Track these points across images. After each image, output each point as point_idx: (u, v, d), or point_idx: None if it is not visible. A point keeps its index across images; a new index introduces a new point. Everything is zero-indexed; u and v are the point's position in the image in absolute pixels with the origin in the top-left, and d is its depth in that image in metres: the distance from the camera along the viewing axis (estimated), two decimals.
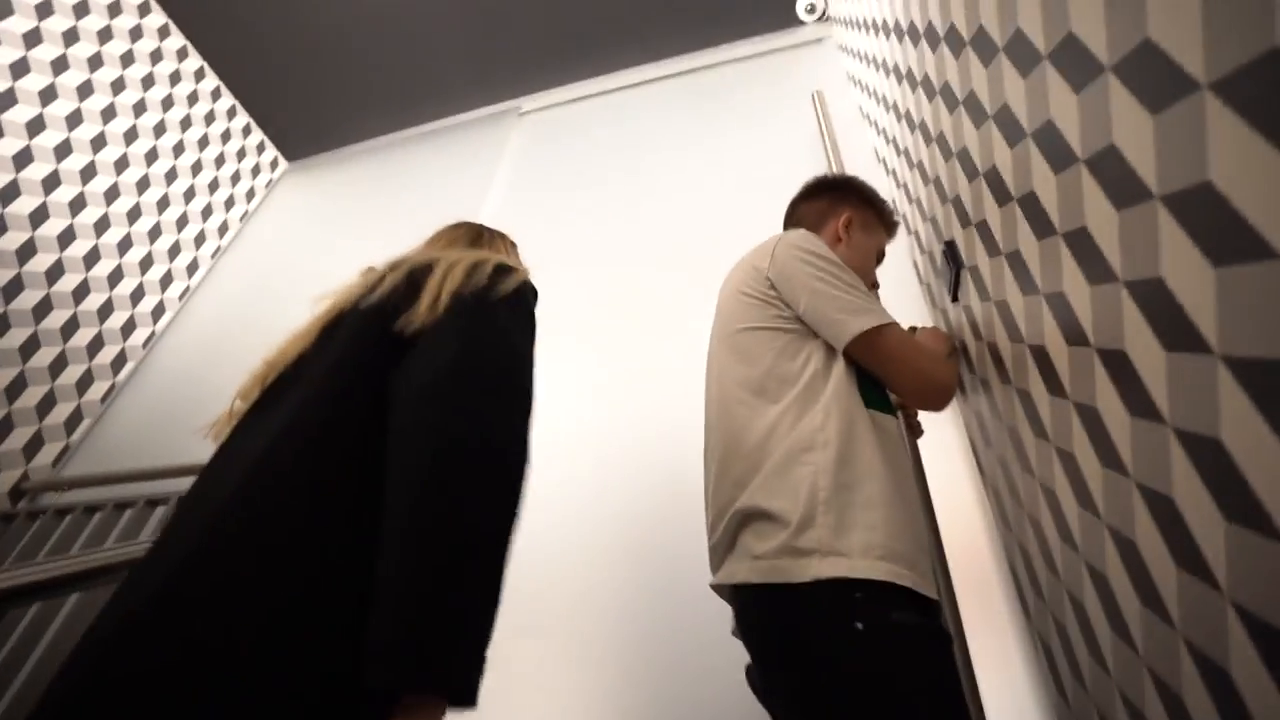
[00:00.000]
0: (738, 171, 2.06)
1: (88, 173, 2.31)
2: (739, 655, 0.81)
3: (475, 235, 0.96)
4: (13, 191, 2.06)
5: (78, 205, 2.26)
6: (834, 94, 2.07)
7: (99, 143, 2.37)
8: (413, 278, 0.69)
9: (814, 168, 1.89)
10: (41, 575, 0.97)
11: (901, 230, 1.61)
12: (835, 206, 1.10)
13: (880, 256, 1.12)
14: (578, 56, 2.75)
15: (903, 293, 1.49)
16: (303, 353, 0.67)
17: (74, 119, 2.29)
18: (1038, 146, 0.75)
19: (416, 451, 0.52)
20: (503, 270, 0.71)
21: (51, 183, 2.19)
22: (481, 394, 0.57)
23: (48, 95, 2.21)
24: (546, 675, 1.23)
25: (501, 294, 0.67)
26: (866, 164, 1.85)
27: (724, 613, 0.87)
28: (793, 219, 1.15)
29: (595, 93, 2.73)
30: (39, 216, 2.13)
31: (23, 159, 2.10)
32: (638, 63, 2.72)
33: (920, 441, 1.16)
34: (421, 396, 0.55)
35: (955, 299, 1.19)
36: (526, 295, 0.73)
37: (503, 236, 1.01)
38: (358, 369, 0.61)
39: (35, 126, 2.16)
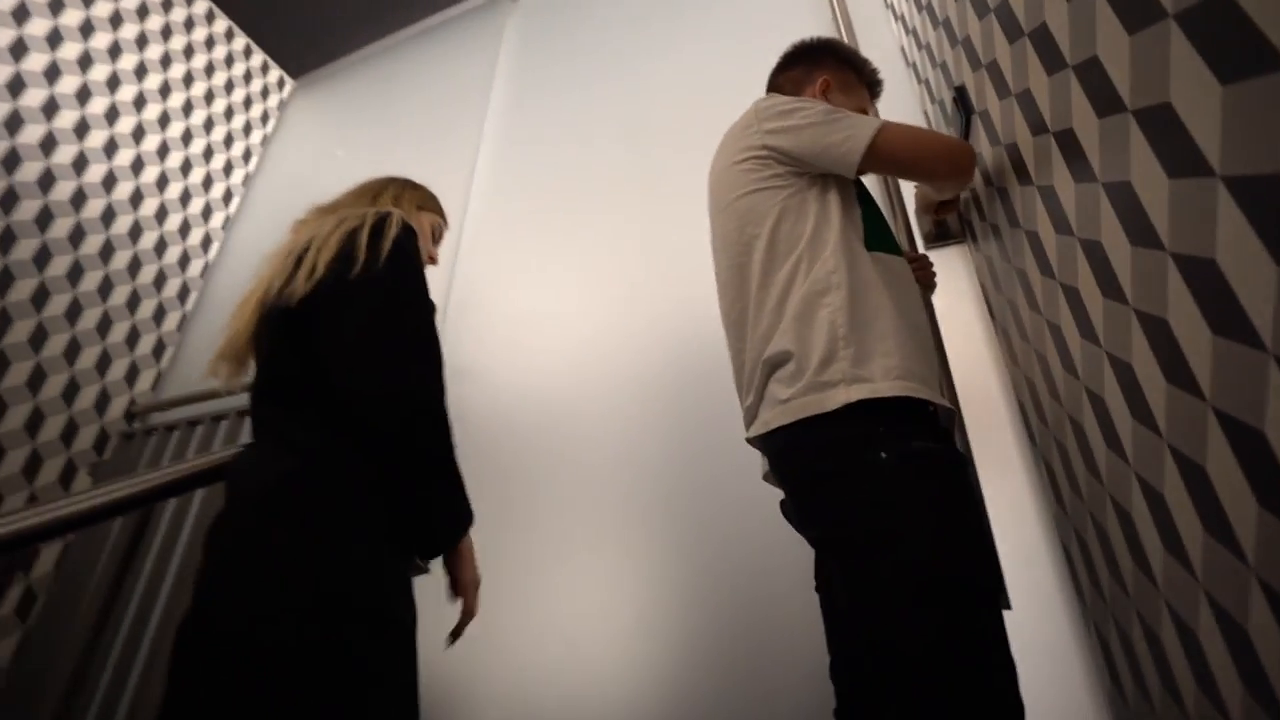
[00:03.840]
0: (741, 31, 1.89)
1: (112, 115, 2.27)
2: (757, 497, 0.88)
3: (373, 195, 1.02)
4: (50, 143, 2.05)
5: (111, 149, 2.24)
6: None
7: (114, 82, 2.30)
8: (296, 259, 0.82)
9: (819, 21, 1.73)
10: (175, 475, 1.09)
11: (911, 80, 1.50)
12: (811, 72, 1.04)
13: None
14: None
15: None
16: (258, 340, 0.84)
17: (85, 61, 2.21)
18: None
19: (383, 421, 0.72)
20: (376, 234, 0.81)
21: (82, 129, 2.16)
22: (401, 357, 0.75)
23: (54, 40, 2.12)
24: (593, 536, 1.35)
25: (378, 257, 0.78)
26: (874, 11, 1.68)
27: (753, 462, 0.94)
28: (771, 91, 1.09)
29: None
30: (80, 164, 2.13)
31: (50, 109, 2.06)
32: None
33: (934, 292, 1.16)
34: (352, 377, 0.73)
35: None
36: (400, 242, 0.82)
37: (405, 185, 1.05)
38: (300, 374, 0.77)
39: (52, 74, 2.09)
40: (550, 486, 1.45)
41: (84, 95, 2.18)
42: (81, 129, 2.15)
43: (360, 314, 0.75)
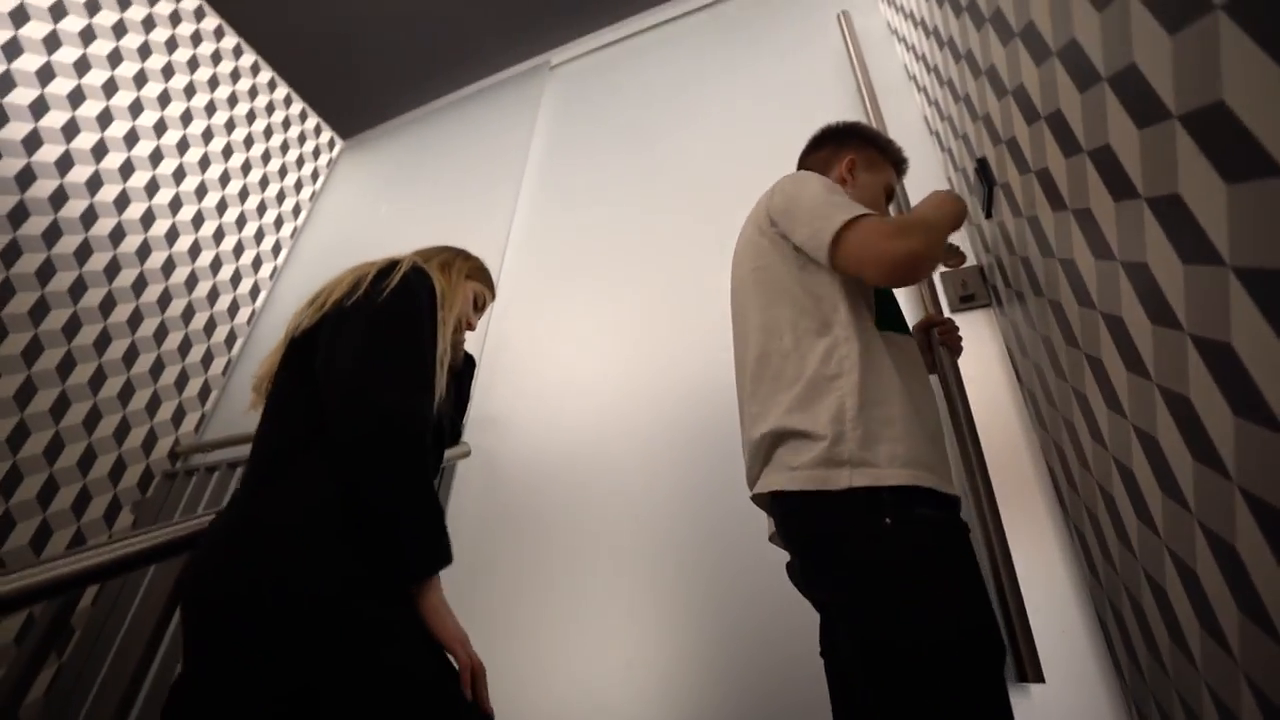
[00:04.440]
0: (767, 101, 1.99)
1: (179, 175, 2.44)
2: (777, 556, 0.89)
3: (425, 258, 1.05)
4: (124, 200, 2.21)
5: (176, 205, 2.41)
6: (860, 13, 1.95)
7: (183, 146, 2.49)
8: (312, 300, 0.89)
9: (844, 91, 1.82)
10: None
11: (935, 148, 1.55)
12: (838, 152, 1.06)
13: (889, 194, 1.07)
14: (601, 2, 2.65)
15: None
16: (275, 373, 0.89)
17: (160, 127, 2.40)
18: (1063, 65, 0.72)
19: (348, 441, 0.72)
20: (383, 273, 0.86)
21: (152, 188, 2.33)
22: (381, 381, 0.75)
23: (136, 109, 2.32)
24: (618, 589, 1.35)
25: (382, 291, 0.83)
26: (896, 82, 1.76)
27: (761, 522, 0.94)
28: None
29: (622, 36, 2.65)
30: (148, 219, 2.29)
31: (126, 170, 2.24)
32: (661, 1, 2.61)
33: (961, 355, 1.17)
34: (338, 395, 0.75)
35: (989, 215, 1.16)
36: (408, 279, 0.86)
37: (457, 253, 1.11)
38: (292, 392, 0.83)
39: (131, 139, 2.28)
40: (576, 538, 1.46)
41: (156, 157, 2.36)
42: (152, 188, 2.32)
43: (350, 334, 0.79)
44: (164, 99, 2.44)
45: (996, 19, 0.92)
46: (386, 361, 0.77)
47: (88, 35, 2.21)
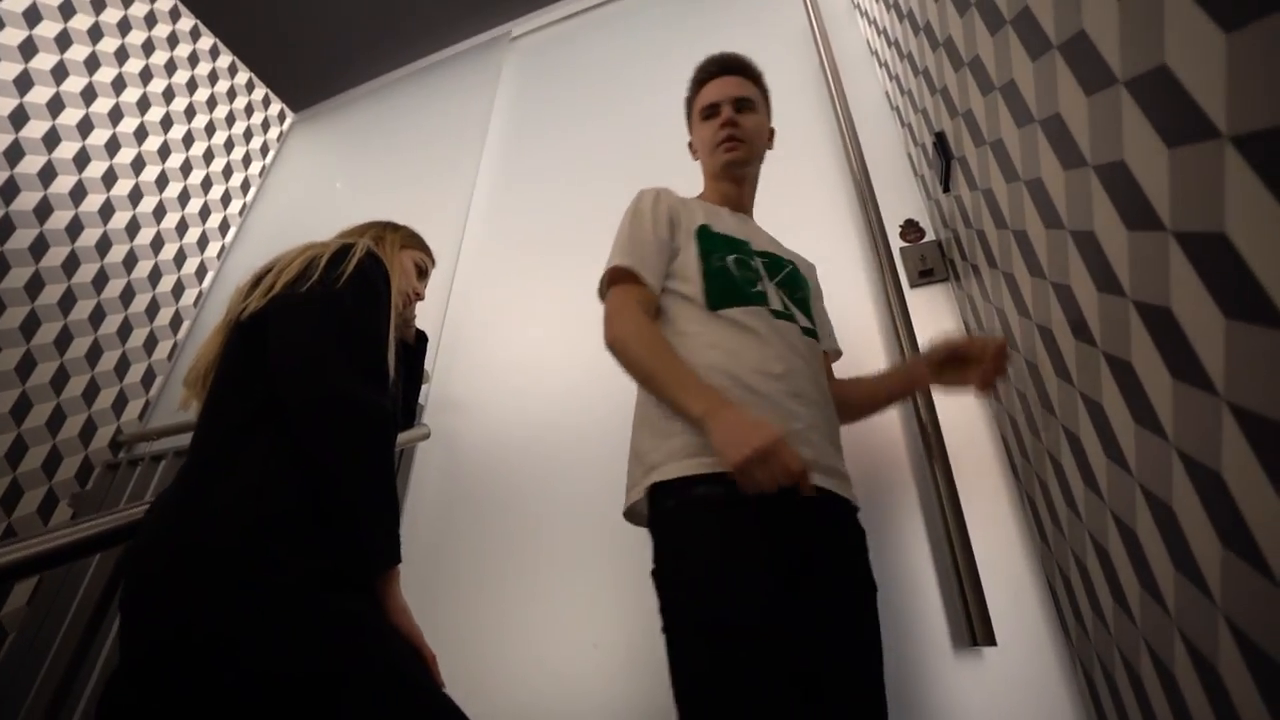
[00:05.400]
0: None
1: (112, 146, 2.31)
2: None
3: (357, 236, 1.02)
4: (50, 173, 2.08)
5: (110, 179, 2.28)
6: None
7: (116, 115, 2.35)
8: (256, 279, 0.86)
9: (806, 67, 1.81)
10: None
11: (896, 124, 1.56)
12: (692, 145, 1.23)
13: (709, 110, 1.13)
14: None
15: (899, 185, 1.47)
16: (217, 358, 0.85)
17: (89, 94, 2.26)
18: (1016, 34, 0.73)
19: (310, 425, 0.70)
20: (337, 258, 0.84)
21: (82, 160, 2.19)
22: (339, 364, 0.74)
23: (59, 73, 2.18)
24: (581, 568, 1.35)
25: (338, 279, 0.81)
26: (858, 57, 1.76)
27: None
28: None
29: (584, 8, 2.59)
30: (79, 193, 2.16)
31: (51, 140, 2.10)
32: None
33: (918, 326, 1.20)
34: (294, 380, 0.72)
35: (947, 189, 1.18)
36: (364, 267, 0.85)
37: (386, 226, 1.06)
38: (241, 375, 0.78)
39: (55, 106, 2.14)
40: (541, 520, 1.45)
41: (85, 127, 2.23)
42: (81, 160, 2.19)
43: (306, 320, 0.77)
44: (92, 63, 2.30)
45: None
46: (344, 350, 0.76)
47: None
